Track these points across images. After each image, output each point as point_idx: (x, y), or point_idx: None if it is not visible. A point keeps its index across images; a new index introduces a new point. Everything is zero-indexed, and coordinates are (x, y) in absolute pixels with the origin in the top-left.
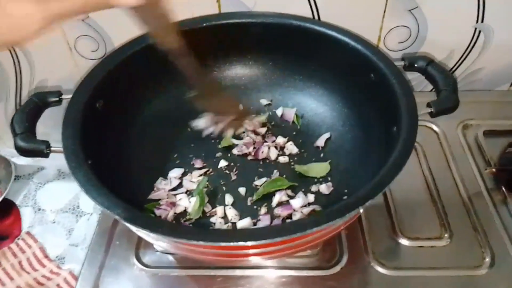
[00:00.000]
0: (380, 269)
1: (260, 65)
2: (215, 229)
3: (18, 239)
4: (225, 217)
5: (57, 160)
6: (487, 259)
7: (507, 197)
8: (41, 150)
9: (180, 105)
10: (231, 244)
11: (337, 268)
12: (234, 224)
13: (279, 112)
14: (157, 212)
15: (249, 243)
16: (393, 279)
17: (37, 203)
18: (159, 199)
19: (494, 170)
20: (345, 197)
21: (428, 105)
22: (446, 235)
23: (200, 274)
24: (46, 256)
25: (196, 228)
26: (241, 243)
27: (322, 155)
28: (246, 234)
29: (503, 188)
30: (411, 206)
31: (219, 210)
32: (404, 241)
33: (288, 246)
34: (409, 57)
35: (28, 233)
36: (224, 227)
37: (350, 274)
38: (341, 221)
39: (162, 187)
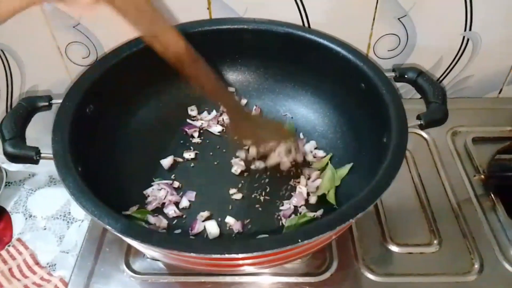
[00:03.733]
0: (370, 276)
1: (251, 71)
2: (206, 240)
3: (9, 245)
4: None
5: (48, 167)
6: (476, 265)
7: (496, 204)
8: (31, 157)
9: (172, 111)
10: (222, 256)
11: (327, 275)
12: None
13: None
14: (152, 219)
15: (241, 255)
16: (383, 286)
17: (28, 209)
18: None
19: (483, 176)
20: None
21: (418, 117)
22: (435, 241)
23: (190, 280)
24: (37, 263)
25: (186, 238)
26: (232, 255)
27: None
28: (237, 246)
29: (492, 195)
30: (401, 212)
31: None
32: (394, 248)
33: (278, 257)
34: (399, 69)
35: (19, 239)
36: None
37: (340, 281)
38: (332, 233)
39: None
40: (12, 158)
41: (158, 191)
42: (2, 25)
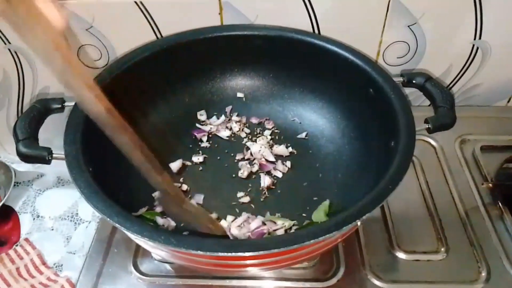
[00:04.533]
0: (376, 282)
1: (260, 76)
2: (213, 238)
3: (17, 245)
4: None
5: (56, 167)
6: (483, 274)
7: (504, 212)
8: (43, 157)
9: (181, 115)
10: (229, 254)
11: (333, 281)
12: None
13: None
14: (160, 221)
15: (247, 254)
16: None
17: (36, 209)
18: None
19: (491, 185)
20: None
21: (426, 121)
22: (442, 249)
23: (197, 283)
24: (44, 263)
25: (194, 237)
26: (239, 254)
27: (318, 166)
28: (244, 245)
29: (500, 203)
30: (408, 219)
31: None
32: (401, 255)
33: (285, 257)
34: (408, 74)
35: (26, 239)
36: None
37: (346, 287)
38: (338, 233)
39: None
40: (25, 158)
41: None
42: None
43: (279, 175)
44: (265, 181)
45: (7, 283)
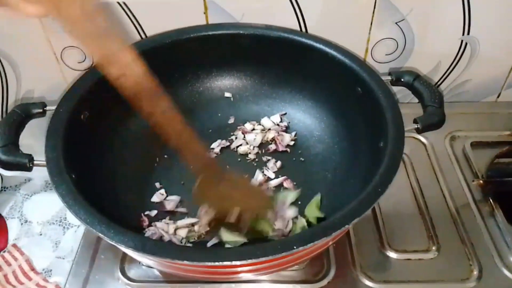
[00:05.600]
0: (367, 283)
1: (248, 76)
2: (200, 247)
3: (4, 251)
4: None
5: (44, 172)
6: (475, 272)
7: (495, 209)
8: (24, 164)
9: None
10: (216, 263)
11: (324, 282)
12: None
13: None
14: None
15: (235, 263)
16: None
17: (24, 214)
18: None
19: (481, 181)
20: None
21: (415, 121)
22: (433, 247)
23: None
24: (33, 269)
25: (180, 246)
26: (226, 263)
27: (307, 166)
28: (232, 253)
29: (491, 200)
30: (399, 218)
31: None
32: (392, 254)
33: (274, 264)
34: (396, 72)
35: (14, 245)
36: None
37: None
38: (328, 239)
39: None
40: (5, 165)
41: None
42: None
43: (272, 175)
44: (258, 178)
45: None
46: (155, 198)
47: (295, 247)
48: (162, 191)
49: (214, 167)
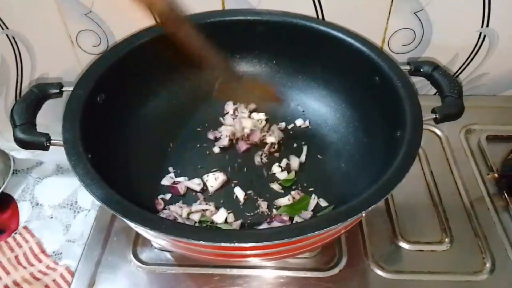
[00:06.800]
0: (379, 272)
1: (263, 63)
2: (215, 229)
3: (15, 233)
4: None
5: (56, 155)
6: (488, 265)
7: (509, 203)
8: (41, 143)
9: (183, 102)
10: (231, 245)
11: (335, 270)
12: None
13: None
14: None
15: (249, 245)
16: (393, 283)
17: (35, 197)
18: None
19: (496, 175)
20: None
21: (433, 111)
22: (446, 239)
23: (197, 272)
24: (43, 251)
25: (196, 227)
26: (241, 244)
27: (321, 153)
28: (246, 236)
29: (505, 194)
30: (412, 209)
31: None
32: (404, 245)
33: (287, 248)
34: (415, 62)
35: (25, 227)
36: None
37: (349, 277)
38: (342, 225)
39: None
40: (23, 144)
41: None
42: (14, 12)
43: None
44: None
45: (6, 271)
46: (165, 181)
47: (309, 232)
48: (172, 174)
49: (231, 72)
